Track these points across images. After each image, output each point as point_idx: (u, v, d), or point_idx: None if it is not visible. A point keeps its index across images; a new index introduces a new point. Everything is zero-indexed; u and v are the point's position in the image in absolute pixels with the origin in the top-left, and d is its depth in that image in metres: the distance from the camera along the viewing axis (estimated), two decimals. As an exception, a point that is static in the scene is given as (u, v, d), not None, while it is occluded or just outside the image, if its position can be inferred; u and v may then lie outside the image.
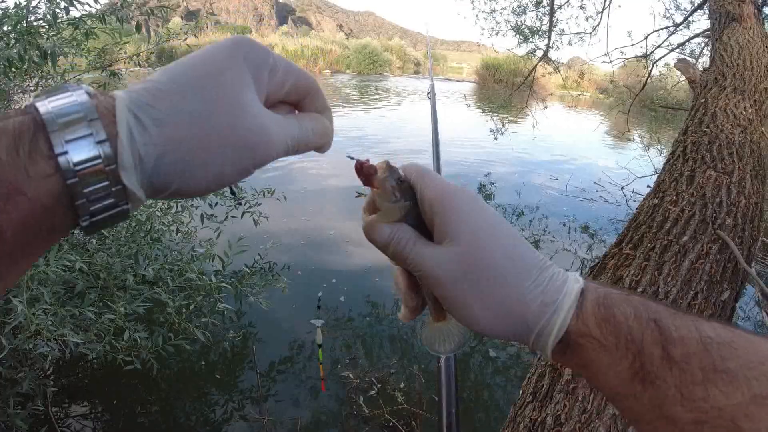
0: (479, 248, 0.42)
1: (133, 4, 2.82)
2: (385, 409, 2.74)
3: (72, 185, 0.31)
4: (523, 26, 8.48)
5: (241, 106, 0.37)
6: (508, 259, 0.43)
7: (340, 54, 35.54)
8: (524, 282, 0.42)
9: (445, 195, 0.45)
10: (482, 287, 0.42)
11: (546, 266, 0.44)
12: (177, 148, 0.34)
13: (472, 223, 0.44)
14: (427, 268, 0.44)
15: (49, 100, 0.32)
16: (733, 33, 3.61)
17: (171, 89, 0.35)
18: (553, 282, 0.42)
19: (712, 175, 2.29)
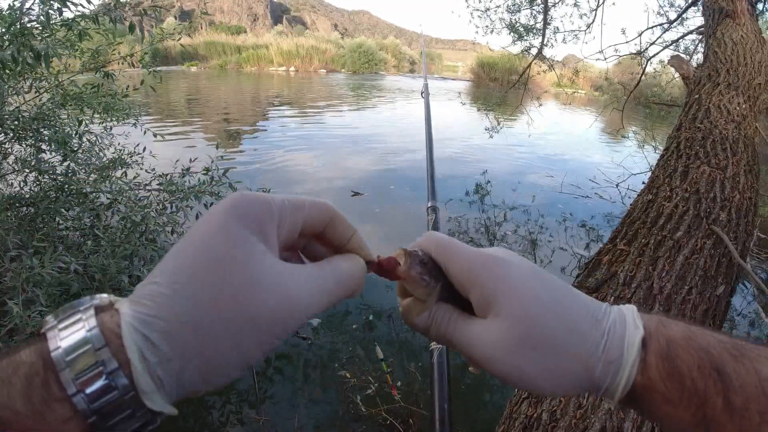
0: (529, 319, 0.40)
1: (127, 5, 2.81)
2: (382, 407, 2.74)
3: (93, 423, 0.30)
4: (517, 24, 8.49)
5: (252, 283, 0.34)
6: (562, 324, 0.40)
7: (335, 53, 35.48)
8: (583, 345, 0.40)
9: (476, 266, 0.43)
10: (540, 360, 0.40)
11: (600, 317, 0.42)
12: (194, 357, 0.32)
13: (516, 292, 0.41)
14: (475, 348, 0.42)
15: (59, 329, 0.31)
16: (727, 29, 3.62)
17: (173, 291, 0.32)
18: (612, 336, 0.40)
19: (706, 170, 2.30)
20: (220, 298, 0.33)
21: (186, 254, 0.34)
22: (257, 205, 0.37)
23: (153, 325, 0.31)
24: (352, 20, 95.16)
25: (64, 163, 2.93)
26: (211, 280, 0.33)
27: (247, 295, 0.34)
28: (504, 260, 0.43)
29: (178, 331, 0.32)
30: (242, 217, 0.36)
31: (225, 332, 0.33)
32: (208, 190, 2.89)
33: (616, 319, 0.42)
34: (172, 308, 0.32)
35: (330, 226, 0.43)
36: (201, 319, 0.32)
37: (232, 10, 62.93)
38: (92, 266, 2.35)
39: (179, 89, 19.12)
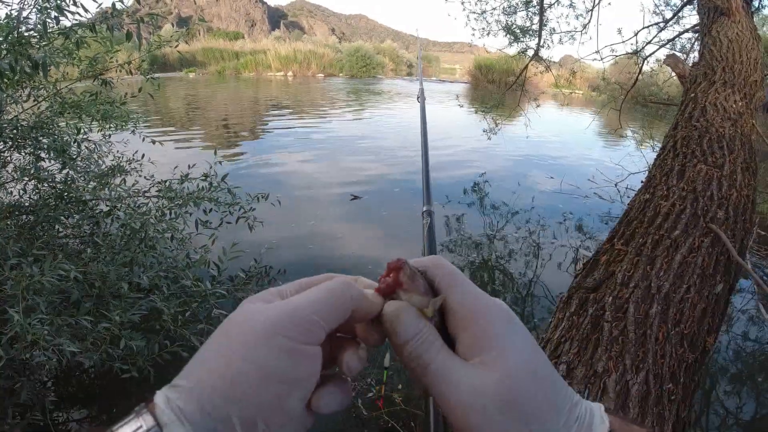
0: (520, 383, 0.38)
1: (124, 13, 2.82)
2: (383, 410, 2.74)
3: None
4: (513, 26, 8.51)
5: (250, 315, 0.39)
6: (547, 400, 0.39)
7: (333, 58, 35.53)
8: (558, 422, 0.39)
9: (480, 306, 0.42)
10: (515, 424, 0.38)
11: (574, 404, 0.41)
12: (207, 381, 0.36)
13: (515, 351, 0.40)
14: (456, 389, 0.39)
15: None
16: (722, 27, 3.63)
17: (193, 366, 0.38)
18: (581, 422, 0.40)
19: (703, 168, 2.30)
20: (222, 337, 0.39)
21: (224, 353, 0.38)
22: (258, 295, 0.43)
23: (177, 383, 0.37)
24: (349, 24, 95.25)
25: (63, 171, 2.94)
26: (216, 335, 0.39)
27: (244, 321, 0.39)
28: (510, 315, 0.43)
29: (192, 371, 0.37)
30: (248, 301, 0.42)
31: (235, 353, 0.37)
32: (206, 196, 2.90)
33: (588, 410, 0.41)
34: (190, 368, 0.38)
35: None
36: (208, 354, 0.38)
37: (230, 16, 63.01)
38: (92, 273, 2.35)
39: (177, 96, 19.15)
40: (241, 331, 0.38)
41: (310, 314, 0.39)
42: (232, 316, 0.40)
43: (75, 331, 2.13)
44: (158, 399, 0.36)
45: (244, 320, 0.39)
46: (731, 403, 3.28)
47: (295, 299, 0.40)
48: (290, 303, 0.40)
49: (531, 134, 10.88)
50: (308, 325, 0.38)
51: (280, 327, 0.37)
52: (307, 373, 0.39)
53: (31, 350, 1.95)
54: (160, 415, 0.34)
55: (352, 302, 0.41)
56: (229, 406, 0.35)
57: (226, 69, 32.97)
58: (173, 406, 0.35)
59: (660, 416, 1.40)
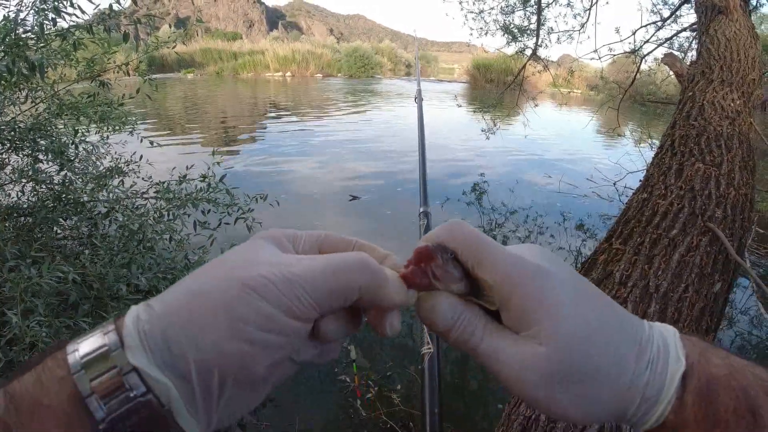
0: (573, 349, 0.36)
1: (122, 14, 2.81)
2: (382, 411, 2.74)
3: (79, 378, 0.31)
4: (511, 26, 8.51)
5: (250, 257, 0.37)
6: (606, 354, 0.37)
7: (332, 58, 35.54)
8: (625, 377, 0.37)
9: (514, 276, 0.38)
10: (577, 391, 0.36)
11: (645, 343, 0.38)
12: (178, 313, 0.33)
13: (560, 316, 0.37)
14: (505, 367, 0.37)
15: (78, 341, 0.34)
16: (720, 25, 3.63)
17: (178, 282, 0.36)
18: (655, 370, 0.37)
19: (701, 167, 2.30)
20: (216, 269, 0.36)
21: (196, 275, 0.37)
22: (276, 231, 0.41)
23: (158, 298, 0.35)
24: (347, 25, 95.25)
25: (61, 173, 2.93)
26: (213, 264, 0.36)
27: (241, 265, 0.35)
28: (547, 272, 0.38)
29: (171, 296, 0.34)
30: (261, 236, 0.40)
31: (215, 295, 0.34)
32: (205, 197, 2.89)
33: (660, 348, 0.38)
34: (179, 285, 0.35)
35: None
36: (196, 283, 0.35)
37: (228, 17, 62.97)
38: (90, 275, 2.35)
39: (176, 97, 19.14)
40: (232, 274, 0.35)
41: (303, 294, 0.35)
42: (239, 249, 0.39)
43: (74, 333, 2.13)
44: (128, 318, 0.33)
45: (244, 263, 0.36)
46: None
47: (298, 268, 0.36)
48: (291, 269, 0.36)
49: (529, 134, 10.88)
50: (297, 303, 0.35)
51: (268, 293, 0.34)
52: (281, 344, 0.35)
53: (29, 352, 1.95)
54: (126, 335, 0.32)
55: (359, 292, 0.37)
56: (188, 344, 0.32)
57: (225, 70, 32.95)
58: (140, 328, 0.32)
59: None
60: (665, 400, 0.37)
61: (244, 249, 0.38)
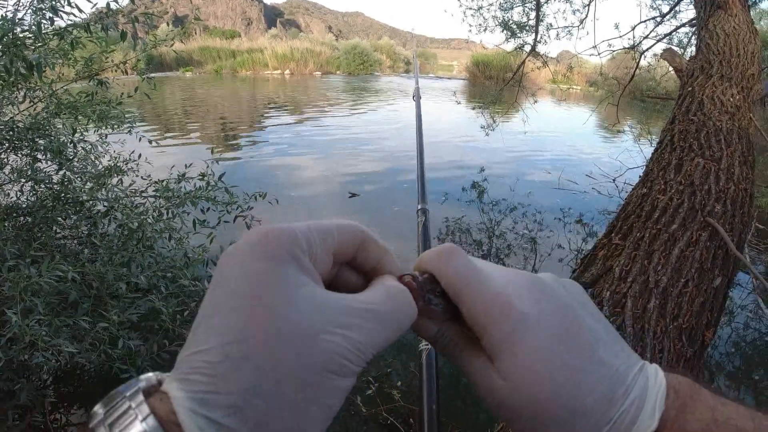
0: (535, 397, 0.36)
1: (119, 13, 2.81)
2: (382, 407, 2.74)
3: None
4: (510, 22, 8.50)
5: (308, 325, 0.30)
6: (567, 408, 0.36)
7: (330, 55, 35.50)
8: (584, 429, 0.36)
9: (491, 313, 0.38)
10: (528, 427, 0.36)
11: (618, 397, 0.36)
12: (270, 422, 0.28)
13: (525, 364, 0.36)
14: (477, 387, 0.39)
15: (109, 424, 0.28)
16: (719, 20, 3.62)
17: (224, 356, 0.28)
18: (617, 426, 0.36)
19: (700, 162, 2.30)
20: (278, 351, 0.29)
21: (226, 310, 0.30)
22: (282, 236, 0.33)
23: (213, 402, 0.27)
24: (346, 22, 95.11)
25: (60, 172, 2.93)
26: (262, 334, 0.29)
27: (306, 343, 0.30)
28: (522, 316, 0.38)
29: (243, 402, 0.27)
30: (270, 252, 0.32)
31: (294, 386, 0.29)
32: (204, 195, 2.89)
33: (635, 402, 0.36)
34: (230, 378, 0.28)
35: (362, 250, 0.39)
36: (265, 378, 0.28)
37: (226, 15, 62.88)
38: (90, 274, 2.35)
39: (174, 95, 19.12)
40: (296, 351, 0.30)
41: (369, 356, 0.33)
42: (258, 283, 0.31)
43: (73, 332, 2.13)
44: (180, 408, 0.27)
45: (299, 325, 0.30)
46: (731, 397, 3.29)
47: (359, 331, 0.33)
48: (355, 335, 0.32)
49: (529, 130, 10.88)
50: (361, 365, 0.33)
51: (345, 371, 0.32)
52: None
53: (29, 351, 1.95)
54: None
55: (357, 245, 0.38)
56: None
57: (223, 68, 32.90)
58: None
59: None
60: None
61: (270, 286, 0.31)
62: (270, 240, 0.32)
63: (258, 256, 0.32)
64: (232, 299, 0.30)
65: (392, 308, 0.36)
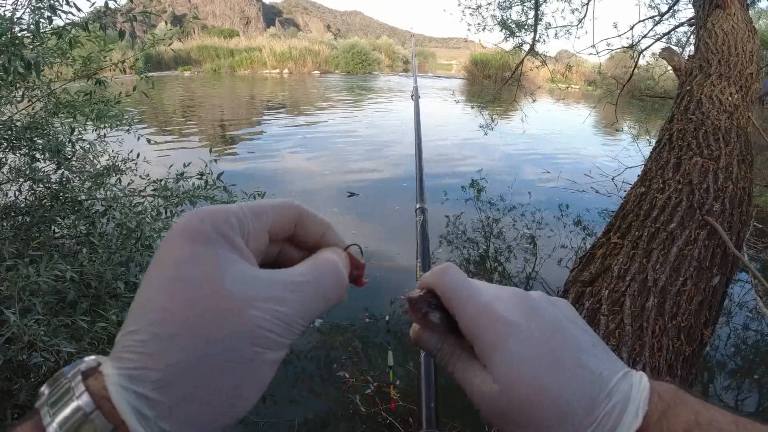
0: (517, 400, 0.38)
1: (118, 13, 2.81)
2: (381, 407, 2.75)
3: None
4: (509, 21, 8.50)
5: (236, 300, 0.31)
6: (551, 410, 0.37)
7: (329, 54, 35.49)
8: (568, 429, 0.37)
9: (480, 323, 0.41)
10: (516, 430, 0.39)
11: (601, 399, 0.38)
12: (198, 395, 0.29)
13: (510, 367, 0.39)
14: (472, 394, 0.41)
15: (50, 403, 0.29)
16: (718, 19, 3.62)
17: (152, 335, 0.29)
18: (602, 425, 0.37)
19: (699, 161, 2.30)
20: (203, 327, 0.30)
21: (154, 291, 0.31)
22: (212, 216, 0.34)
23: (142, 378, 0.28)
24: (344, 21, 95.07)
25: (59, 172, 2.93)
26: (187, 312, 0.30)
27: (233, 319, 0.31)
28: (508, 323, 0.41)
29: (171, 377, 0.29)
30: (200, 233, 0.33)
31: (222, 361, 0.30)
32: (202, 194, 2.89)
33: (617, 405, 0.38)
34: (157, 355, 0.29)
35: (300, 226, 0.41)
36: (192, 353, 0.29)
37: (225, 14, 62.82)
38: (88, 273, 2.35)
39: (173, 94, 19.11)
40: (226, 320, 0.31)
41: (299, 329, 0.35)
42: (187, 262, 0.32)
43: (72, 332, 2.13)
44: (112, 386, 0.28)
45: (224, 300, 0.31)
46: (730, 396, 3.30)
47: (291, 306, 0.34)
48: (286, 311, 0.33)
49: (528, 129, 10.89)
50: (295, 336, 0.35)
51: (271, 343, 0.33)
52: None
53: (28, 351, 1.95)
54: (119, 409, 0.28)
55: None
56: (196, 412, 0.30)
57: (222, 67, 32.88)
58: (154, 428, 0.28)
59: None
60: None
61: (205, 279, 0.31)
62: (198, 221, 0.33)
63: (186, 237, 0.32)
64: (159, 280, 0.31)
65: (315, 278, 0.36)
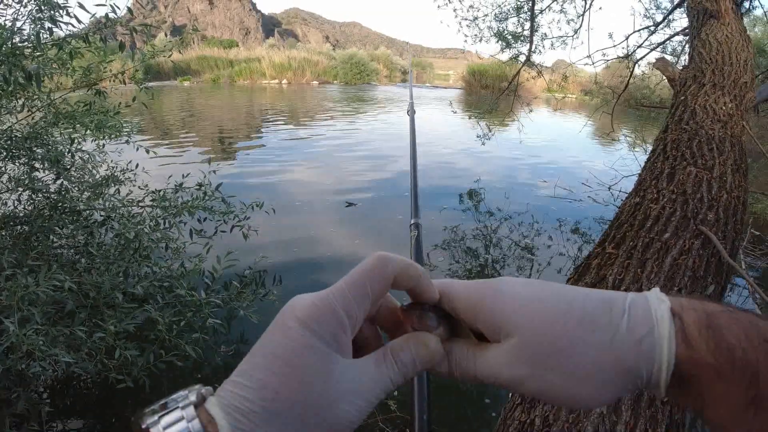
0: (536, 328, 0.38)
1: (118, 23, 2.83)
2: (378, 417, 2.74)
3: None
4: (505, 32, 8.54)
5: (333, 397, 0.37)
6: (572, 321, 0.38)
7: (327, 65, 35.62)
8: (604, 333, 0.37)
9: (474, 297, 0.42)
10: (564, 366, 0.37)
11: (614, 300, 0.39)
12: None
13: (515, 307, 0.40)
14: (498, 373, 0.40)
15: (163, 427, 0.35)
16: (712, 29, 3.65)
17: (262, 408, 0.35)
18: (634, 313, 0.37)
19: (693, 171, 2.31)
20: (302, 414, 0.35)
21: (268, 369, 0.36)
22: (328, 316, 0.38)
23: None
24: (343, 32, 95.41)
25: (58, 182, 2.94)
26: (292, 400, 0.35)
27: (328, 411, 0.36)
28: (497, 281, 0.42)
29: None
30: (314, 330, 0.37)
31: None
32: (201, 205, 2.90)
33: (634, 298, 0.39)
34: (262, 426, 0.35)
35: (395, 283, 0.42)
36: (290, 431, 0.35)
37: (224, 25, 63.05)
38: (86, 283, 2.35)
39: (172, 105, 19.14)
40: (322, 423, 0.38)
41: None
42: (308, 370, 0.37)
43: (70, 342, 2.13)
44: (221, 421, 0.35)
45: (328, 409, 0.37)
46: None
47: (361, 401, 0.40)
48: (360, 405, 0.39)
49: (524, 139, 10.92)
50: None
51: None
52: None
53: (26, 361, 1.95)
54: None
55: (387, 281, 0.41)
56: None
57: (221, 77, 32.99)
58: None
59: (653, 419, 1.40)
60: (664, 336, 0.36)
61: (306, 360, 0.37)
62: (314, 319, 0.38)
63: (303, 332, 0.37)
64: (275, 363, 0.36)
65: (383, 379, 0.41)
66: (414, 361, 0.41)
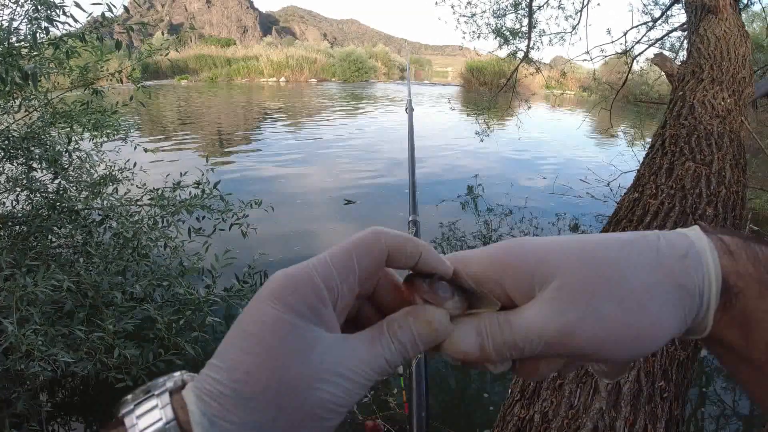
0: (579, 261, 0.35)
1: (114, 22, 2.82)
2: (378, 414, 2.74)
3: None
4: (503, 29, 8.54)
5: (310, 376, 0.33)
6: (615, 247, 0.35)
7: (326, 63, 35.56)
8: (649, 253, 0.35)
9: (497, 255, 0.38)
10: (618, 293, 0.34)
11: (643, 233, 0.36)
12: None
13: (548, 251, 0.36)
14: (546, 329, 0.35)
15: (137, 415, 0.33)
16: (710, 25, 3.65)
17: (234, 392, 0.32)
18: (667, 237, 0.36)
19: (691, 166, 2.31)
20: (277, 397, 0.32)
21: (240, 349, 0.33)
22: (302, 287, 0.34)
23: (219, 427, 0.32)
24: (341, 29, 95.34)
25: (56, 181, 2.93)
26: (265, 381, 0.32)
27: (308, 393, 0.33)
28: (516, 239, 0.38)
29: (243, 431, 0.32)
30: (287, 303, 0.34)
31: (288, 424, 0.32)
32: (199, 204, 2.90)
33: (662, 232, 0.36)
34: (233, 410, 0.32)
35: (391, 260, 0.38)
36: (264, 417, 0.32)
37: (222, 23, 62.96)
38: (85, 283, 2.35)
39: (170, 103, 19.12)
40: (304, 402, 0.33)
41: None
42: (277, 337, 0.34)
43: (69, 341, 2.13)
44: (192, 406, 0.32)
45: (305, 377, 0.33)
46: (727, 400, 3.30)
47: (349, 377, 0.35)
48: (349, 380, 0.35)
49: (523, 135, 10.92)
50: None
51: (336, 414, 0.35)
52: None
53: (25, 361, 1.95)
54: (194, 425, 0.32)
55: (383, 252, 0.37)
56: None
57: (219, 76, 32.92)
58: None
59: (652, 414, 1.41)
60: (706, 248, 0.35)
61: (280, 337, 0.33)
62: (290, 290, 0.34)
63: (275, 305, 0.34)
64: (246, 341, 0.33)
65: (377, 359, 0.36)
66: (414, 340, 0.36)
